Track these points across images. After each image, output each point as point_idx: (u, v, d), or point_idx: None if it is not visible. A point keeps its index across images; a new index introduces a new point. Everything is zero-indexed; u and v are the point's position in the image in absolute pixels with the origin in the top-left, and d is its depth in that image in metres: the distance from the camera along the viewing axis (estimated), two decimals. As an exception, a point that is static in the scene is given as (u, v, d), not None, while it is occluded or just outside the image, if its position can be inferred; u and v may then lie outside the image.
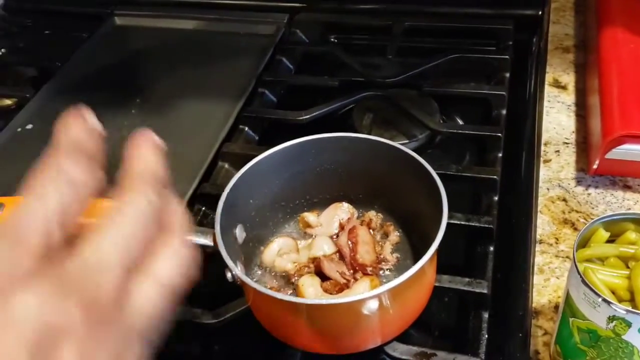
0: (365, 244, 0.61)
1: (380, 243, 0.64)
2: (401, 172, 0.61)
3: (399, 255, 0.63)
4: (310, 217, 0.66)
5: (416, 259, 0.61)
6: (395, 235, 0.65)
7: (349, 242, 0.61)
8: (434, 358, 0.55)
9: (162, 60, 0.83)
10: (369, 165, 0.64)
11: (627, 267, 0.49)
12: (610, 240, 0.51)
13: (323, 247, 0.62)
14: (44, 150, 0.82)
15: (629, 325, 0.45)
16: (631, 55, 0.76)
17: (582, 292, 0.46)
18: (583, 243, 0.50)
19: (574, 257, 0.48)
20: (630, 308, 0.44)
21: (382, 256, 0.62)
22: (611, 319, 0.45)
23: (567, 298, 0.49)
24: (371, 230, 0.65)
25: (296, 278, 0.60)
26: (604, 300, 0.45)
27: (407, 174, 0.61)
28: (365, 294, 0.49)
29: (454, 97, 0.85)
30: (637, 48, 0.76)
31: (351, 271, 0.60)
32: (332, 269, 0.59)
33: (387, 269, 0.62)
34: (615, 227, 0.50)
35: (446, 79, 0.87)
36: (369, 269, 0.60)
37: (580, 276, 0.46)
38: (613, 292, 0.47)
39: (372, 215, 0.66)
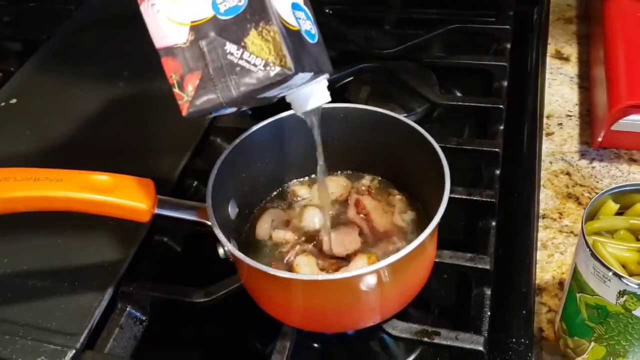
0: (375, 210, 0.60)
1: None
2: (401, 144, 0.59)
3: (412, 216, 0.61)
4: (300, 190, 0.64)
5: (418, 232, 0.59)
6: (398, 200, 0.62)
7: (361, 215, 0.60)
8: (435, 336, 0.53)
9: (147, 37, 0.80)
10: (368, 137, 0.62)
11: (638, 240, 0.47)
12: (619, 213, 0.48)
13: (313, 220, 0.60)
14: (28, 125, 0.79)
15: None
16: (637, 24, 0.73)
17: (592, 266, 0.44)
18: (591, 215, 0.48)
19: (582, 229, 0.45)
20: None
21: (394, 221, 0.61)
22: (622, 293, 0.43)
23: (575, 273, 0.47)
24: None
25: (290, 257, 0.58)
26: (615, 274, 0.43)
27: (407, 146, 0.58)
28: (362, 270, 0.47)
29: (453, 69, 0.83)
30: (643, 17, 0.74)
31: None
32: (340, 244, 0.57)
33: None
34: (624, 199, 0.48)
35: (446, 49, 0.85)
36: (395, 238, 0.58)
37: (590, 249, 0.44)
38: (623, 266, 0.45)
39: (368, 181, 0.64)
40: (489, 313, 0.56)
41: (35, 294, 0.61)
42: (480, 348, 0.52)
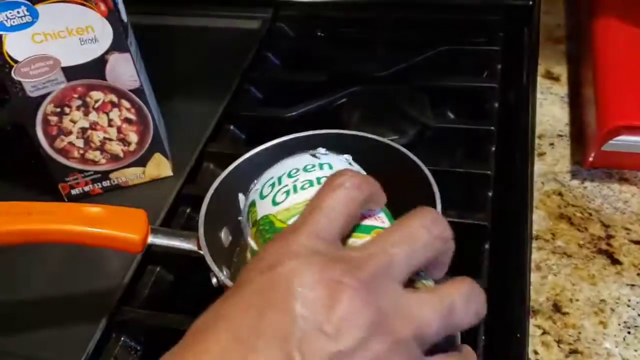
0: None
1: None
2: (392, 169, 0.59)
3: None
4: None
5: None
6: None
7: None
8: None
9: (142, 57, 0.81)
10: (360, 162, 0.62)
11: None
12: None
13: None
14: (24, 151, 0.79)
15: None
16: (626, 43, 0.74)
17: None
18: None
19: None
20: None
21: None
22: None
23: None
24: None
25: None
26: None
27: (398, 171, 0.59)
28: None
29: (444, 90, 0.83)
30: (631, 36, 0.74)
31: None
32: None
33: None
34: None
35: (436, 72, 0.85)
36: None
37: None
38: None
39: None
40: (483, 337, 0.57)
41: (28, 325, 0.61)
42: (475, 373, 0.52)
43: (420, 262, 0.35)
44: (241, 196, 0.54)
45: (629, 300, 0.58)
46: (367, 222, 0.42)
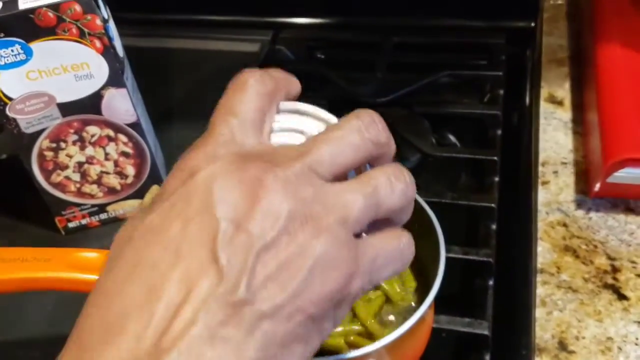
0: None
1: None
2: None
3: None
4: None
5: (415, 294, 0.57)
6: None
7: None
8: (434, 408, 0.52)
9: (140, 81, 0.79)
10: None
11: None
12: None
13: None
14: (19, 181, 0.78)
15: None
16: (630, 69, 0.72)
17: None
18: None
19: None
20: None
21: None
22: None
23: None
24: None
25: None
26: None
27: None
28: (358, 352, 0.46)
29: (446, 116, 0.82)
30: (636, 62, 0.73)
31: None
32: None
33: None
34: None
35: (438, 96, 0.84)
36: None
37: None
38: None
39: None
40: (488, 378, 0.56)
41: (25, 365, 0.60)
42: (481, 419, 0.51)
43: (348, 162, 0.34)
44: None
45: (637, 339, 0.57)
46: None
